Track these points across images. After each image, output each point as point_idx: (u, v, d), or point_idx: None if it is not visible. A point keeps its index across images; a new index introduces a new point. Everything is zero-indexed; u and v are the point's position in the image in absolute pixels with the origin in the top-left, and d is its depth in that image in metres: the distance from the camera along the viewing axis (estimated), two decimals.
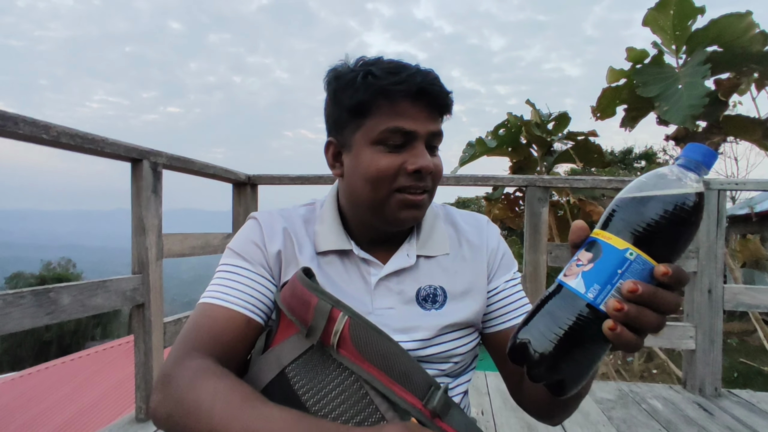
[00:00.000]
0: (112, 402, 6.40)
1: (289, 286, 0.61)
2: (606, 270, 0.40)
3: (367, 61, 0.67)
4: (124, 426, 1.68)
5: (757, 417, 1.89)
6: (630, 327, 0.39)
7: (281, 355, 0.58)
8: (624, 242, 0.40)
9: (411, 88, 0.62)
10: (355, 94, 0.64)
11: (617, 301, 0.39)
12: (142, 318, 1.74)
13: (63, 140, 1.40)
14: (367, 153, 0.65)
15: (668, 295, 0.40)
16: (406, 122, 0.63)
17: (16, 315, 1.24)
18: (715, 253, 2.15)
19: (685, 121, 2.72)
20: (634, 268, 0.39)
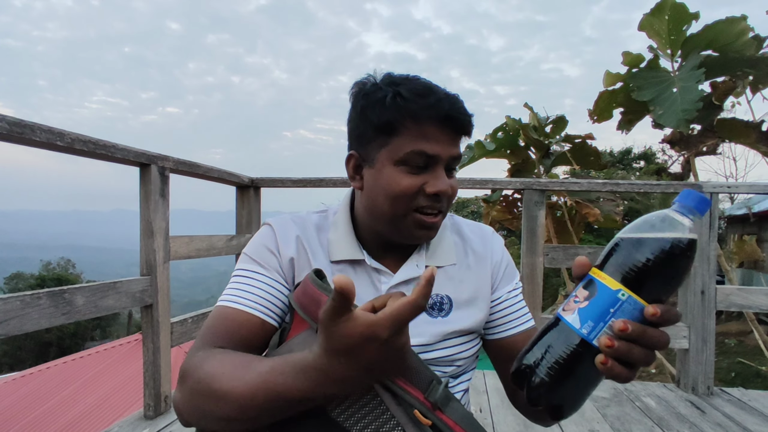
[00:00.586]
0: (116, 401, 6.44)
1: (302, 287, 0.64)
2: (599, 308, 0.43)
3: (395, 80, 0.69)
4: (133, 423, 1.73)
5: (748, 414, 1.94)
6: (620, 361, 0.42)
7: (293, 348, 0.60)
8: (617, 283, 0.43)
9: (439, 114, 0.65)
10: (383, 114, 0.66)
11: (608, 338, 0.42)
12: (151, 318, 1.79)
13: (77, 146, 1.45)
14: (390, 171, 0.67)
15: (657, 333, 0.43)
16: (430, 146, 0.66)
17: (34, 315, 1.29)
18: (708, 255, 2.20)
19: (679, 125, 2.77)
20: (626, 308, 0.43)
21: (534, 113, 3.74)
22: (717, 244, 2.24)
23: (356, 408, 0.56)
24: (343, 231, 0.74)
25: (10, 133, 1.24)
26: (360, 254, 0.73)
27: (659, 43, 3.18)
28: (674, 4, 2.88)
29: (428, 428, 0.55)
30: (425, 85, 0.68)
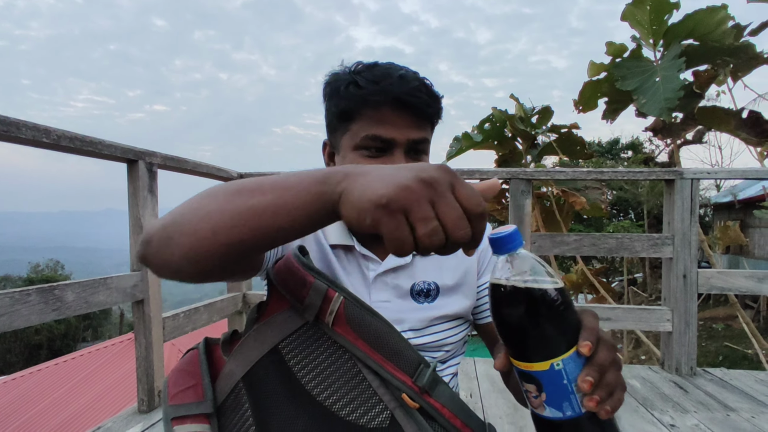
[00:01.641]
0: (110, 400, 6.42)
1: (284, 263, 0.60)
2: (559, 389, 0.43)
3: (358, 69, 0.70)
4: (127, 417, 1.75)
5: (728, 393, 2.01)
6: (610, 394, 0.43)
7: (274, 330, 0.59)
8: (545, 362, 0.43)
9: (389, 97, 0.65)
10: (340, 102, 0.69)
11: (589, 399, 0.42)
12: (142, 314, 1.80)
13: (63, 143, 1.46)
14: (350, 157, 0.70)
15: (604, 354, 0.43)
16: (385, 130, 0.67)
17: (24, 312, 1.30)
18: (689, 240, 2.26)
19: (661, 113, 2.82)
20: (570, 368, 0.42)
21: (520, 104, 3.78)
22: (699, 228, 2.30)
23: (343, 392, 0.56)
24: None
25: None
26: (350, 240, 0.74)
27: (642, 33, 3.22)
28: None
29: (416, 412, 0.55)
30: (384, 70, 0.69)
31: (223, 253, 0.45)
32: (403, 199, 0.37)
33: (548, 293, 0.42)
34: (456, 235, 0.38)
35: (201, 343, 0.65)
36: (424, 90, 0.69)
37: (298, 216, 0.43)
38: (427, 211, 0.38)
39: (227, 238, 0.44)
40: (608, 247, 2.33)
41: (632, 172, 2.35)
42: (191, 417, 0.57)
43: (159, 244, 0.48)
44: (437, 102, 0.72)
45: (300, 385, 0.56)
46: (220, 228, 0.44)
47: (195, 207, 0.47)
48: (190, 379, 0.61)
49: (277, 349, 0.58)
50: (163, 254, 0.48)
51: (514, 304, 0.43)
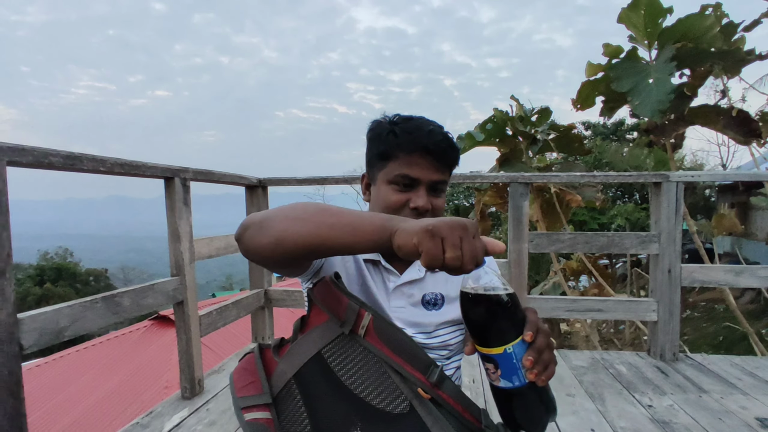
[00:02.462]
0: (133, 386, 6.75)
1: (324, 287, 0.78)
2: (510, 366, 0.61)
3: (397, 119, 0.90)
4: (173, 403, 2.00)
5: (705, 376, 2.23)
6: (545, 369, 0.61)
7: (317, 338, 0.75)
8: (499, 347, 0.61)
9: (419, 146, 0.85)
10: (381, 145, 0.88)
11: (530, 373, 0.60)
12: (182, 313, 2.04)
13: (116, 169, 1.67)
14: (384, 188, 0.88)
15: (542, 339, 0.61)
16: (412, 171, 0.86)
17: (92, 317, 1.53)
18: (674, 237, 2.46)
19: (653, 115, 2.99)
20: (518, 350, 0.61)
21: (520, 105, 3.95)
22: (681, 225, 2.49)
23: (373, 386, 0.71)
24: None
25: (65, 164, 1.45)
26: (377, 256, 0.94)
27: (637, 35, 3.36)
28: (648, 1, 3.06)
29: (428, 401, 0.70)
30: (417, 124, 0.89)
31: (299, 248, 0.65)
32: (443, 231, 0.55)
33: (501, 298, 0.61)
34: (467, 264, 0.56)
35: (255, 347, 0.86)
36: (446, 143, 0.89)
37: (361, 238, 0.62)
38: (457, 241, 0.55)
39: (306, 238, 0.64)
40: (600, 245, 2.54)
41: (622, 175, 2.54)
42: (256, 407, 0.76)
43: (254, 230, 0.68)
44: (456, 152, 0.91)
45: (340, 381, 0.72)
46: (305, 230, 0.65)
47: (288, 212, 0.68)
48: (251, 377, 0.80)
49: (320, 353, 0.74)
50: (255, 238, 0.68)
51: (476, 306, 0.62)
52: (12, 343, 1.25)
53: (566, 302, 2.56)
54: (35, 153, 1.34)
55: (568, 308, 2.56)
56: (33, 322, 1.32)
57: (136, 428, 1.78)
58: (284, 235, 0.65)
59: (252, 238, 0.68)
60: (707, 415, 1.81)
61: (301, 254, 0.67)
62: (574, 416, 1.82)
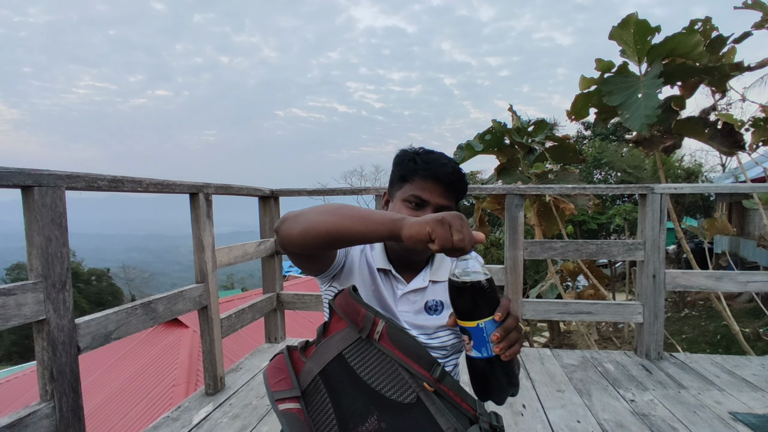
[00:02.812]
0: (139, 384, 6.92)
1: (343, 298, 0.90)
2: (480, 339, 0.74)
3: (419, 151, 1.07)
4: (198, 399, 2.19)
5: (685, 373, 2.43)
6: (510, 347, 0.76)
7: (338, 342, 0.87)
8: (473, 321, 0.74)
9: (431, 174, 1.02)
10: (402, 169, 1.06)
11: (496, 347, 0.74)
12: (206, 317, 2.23)
13: (151, 189, 1.86)
14: (399, 205, 1.04)
15: (510, 321, 0.76)
16: (423, 193, 1.02)
17: (134, 322, 1.72)
18: (658, 245, 2.65)
19: (641, 128, 3.18)
20: (488, 327, 0.74)
21: (517, 116, 4.14)
22: (665, 234, 2.68)
23: (387, 381, 0.83)
24: (379, 249, 1.12)
25: (110, 186, 1.64)
26: (388, 266, 1.10)
27: (628, 51, 3.55)
28: (637, 21, 3.24)
29: (432, 393, 0.81)
30: (436, 156, 1.08)
31: (323, 235, 0.82)
32: (449, 219, 0.72)
33: (479, 281, 0.73)
34: (468, 245, 0.72)
35: (284, 349, 1.04)
36: (455, 176, 1.04)
37: (374, 227, 0.78)
38: (460, 227, 0.71)
39: (329, 227, 0.82)
40: (589, 252, 2.73)
41: (610, 187, 2.72)
42: (288, 399, 0.93)
43: (289, 222, 0.87)
44: (463, 185, 1.09)
45: (359, 377, 0.84)
46: (329, 221, 0.82)
47: (317, 208, 0.87)
48: (282, 374, 0.97)
49: (342, 354, 0.86)
50: (289, 228, 0.87)
51: (459, 285, 0.75)
52: (72, 345, 1.44)
53: (558, 305, 2.75)
54: (87, 179, 1.53)
55: (560, 311, 2.75)
56: (87, 326, 1.51)
57: (167, 421, 1.97)
58: (311, 225, 0.83)
59: (288, 228, 0.86)
60: (683, 409, 2.00)
61: (324, 241, 0.83)
62: (562, 409, 2.02)
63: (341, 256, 1.06)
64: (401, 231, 0.75)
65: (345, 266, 1.10)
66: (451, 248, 0.72)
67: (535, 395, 2.17)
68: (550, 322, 10.86)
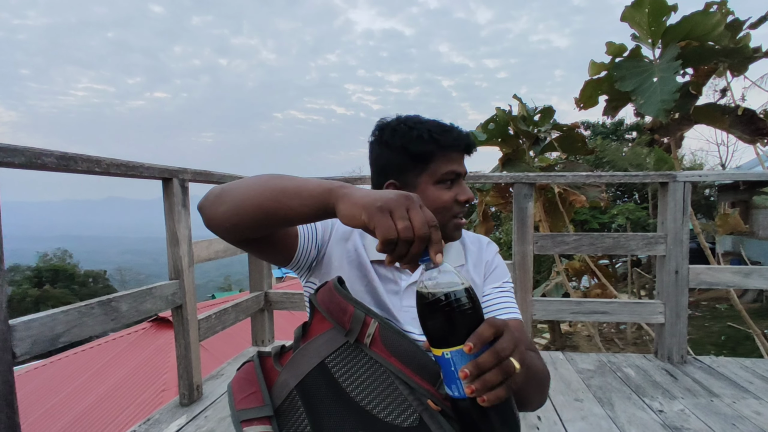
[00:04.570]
0: (129, 388, 6.69)
1: (327, 293, 0.74)
2: (447, 374, 0.55)
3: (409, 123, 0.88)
4: (172, 410, 1.95)
5: (714, 379, 2.19)
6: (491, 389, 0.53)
7: (320, 347, 0.71)
8: (439, 350, 0.55)
9: (461, 145, 0.88)
10: (417, 147, 0.85)
11: (467, 387, 0.53)
12: (181, 318, 1.99)
13: (112, 170, 1.62)
14: (432, 190, 0.87)
15: (487, 357, 0.53)
16: (457, 167, 0.88)
17: (90, 323, 1.48)
18: (681, 238, 2.42)
19: (658, 114, 2.95)
20: (457, 359, 0.53)
21: (522, 104, 3.91)
22: (688, 226, 2.45)
23: (381, 398, 0.67)
24: None
25: (59, 165, 1.41)
26: None
27: (641, 33, 3.32)
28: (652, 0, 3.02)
29: (438, 413, 0.66)
30: (437, 123, 0.90)
31: (252, 215, 0.67)
32: (390, 204, 0.55)
33: (442, 297, 0.53)
34: (420, 231, 0.54)
35: (255, 356, 0.82)
36: (469, 137, 0.91)
37: (307, 202, 0.64)
38: (404, 213, 0.55)
39: (255, 203, 0.67)
40: (605, 246, 2.50)
41: (628, 175, 2.49)
42: (257, 420, 0.72)
43: (213, 200, 0.71)
44: None
45: (345, 393, 0.68)
46: (258, 196, 0.67)
47: (243, 182, 0.70)
48: (250, 387, 0.76)
49: (324, 363, 0.70)
50: (214, 207, 0.71)
51: (419, 301, 0.56)
52: (5, 351, 1.20)
53: (571, 305, 2.52)
54: (27, 153, 1.29)
55: (573, 311, 2.51)
56: (26, 329, 1.27)
57: None
58: (238, 202, 0.68)
59: (212, 207, 0.71)
60: (720, 421, 1.76)
61: (256, 223, 0.68)
62: (583, 422, 1.78)
63: (310, 241, 0.88)
64: (336, 207, 0.61)
65: (324, 255, 0.91)
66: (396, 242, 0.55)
67: (551, 405, 1.93)
68: (551, 323, 10.64)
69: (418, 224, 0.55)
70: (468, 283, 0.56)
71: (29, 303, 21.63)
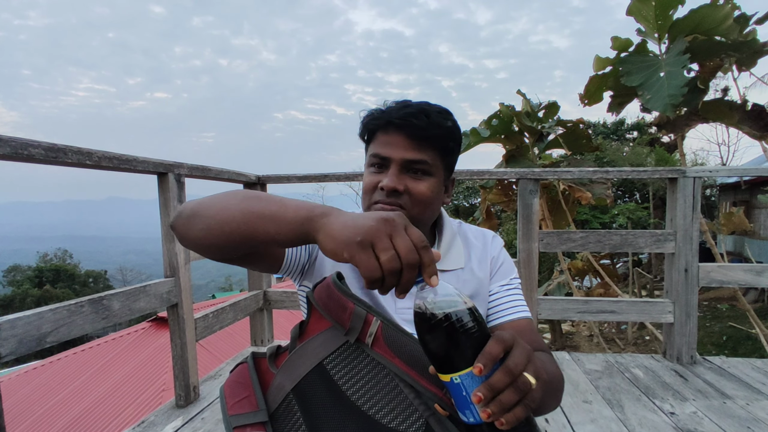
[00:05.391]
0: (128, 389, 6.64)
1: (325, 290, 0.68)
2: (459, 399, 0.51)
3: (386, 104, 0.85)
4: (167, 412, 1.89)
5: (726, 381, 2.13)
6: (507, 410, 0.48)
7: (318, 347, 0.67)
8: (446, 376, 0.50)
9: (382, 123, 0.80)
10: (362, 128, 0.86)
11: (482, 411, 0.48)
12: (176, 317, 1.93)
13: (103, 163, 1.56)
14: (366, 173, 0.85)
15: (500, 376, 0.49)
16: (383, 149, 0.80)
17: (79, 322, 1.42)
18: (690, 235, 2.36)
19: (666, 109, 2.89)
20: (467, 383, 0.49)
21: (527, 100, 3.84)
22: (699, 223, 2.39)
23: (384, 403, 0.63)
24: None
25: (47, 157, 1.35)
26: None
27: (647, 27, 3.26)
28: None
29: (446, 419, 0.62)
30: (401, 102, 0.83)
31: (228, 238, 0.63)
32: (370, 235, 0.50)
33: (444, 317, 0.49)
34: (407, 259, 0.50)
35: (249, 357, 0.75)
36: (422, 117, 0.78)
37: (284, 229, 0.60)
38: (386, 243, 0.50)
39: (231, 227, 0.62)
40: (613, 244, 2.43)
41: (636, 171, 2.43)
42: (250, 426, 0.67)
43: (186, 218, 0.67)
44: (438, 128, 0.80)
45: (345, 397, 0.64)
46: (232, 219, 0.62)
47: (218, 200, 0.66)
48: (244, 391, 0.71)
49: (322, 365, 0.66)
50: (187, 227, 0.66)
51: (420, 323, 0.51)
52: None
53: (578, 304, 2.46)
54: (13, 144, 1.23)
55: (579, 310, 2.45)
56: (11, 327, 1.21)
57: None
58: (212, 223, 0.64)
59: (185, 227, 0.67)
60: (734, 424, 1.70)
61: (234, 245, 0.64)
62: (593, 425, 1.72)
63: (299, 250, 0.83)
64: (316, 239, 0.57)
65: (316, 258, 0.87)
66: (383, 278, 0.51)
67: (558, 407, 1.86)
68: (552, 323, 10.57)
69: (404, 251, 0.50)
70: (470, 302, 0.52)
71: (31, 303, 21.59)
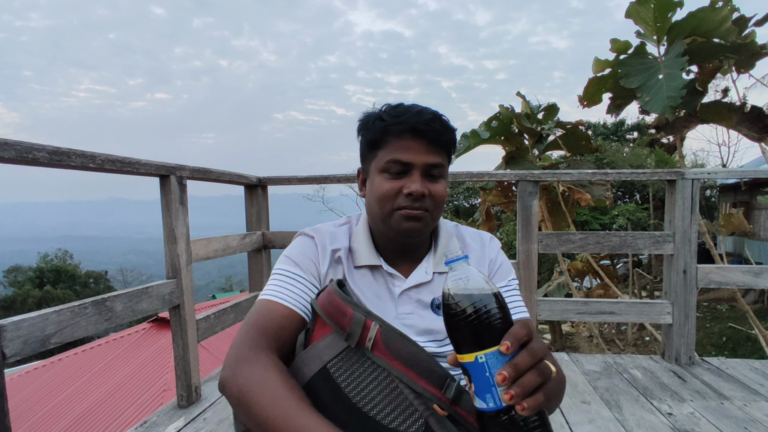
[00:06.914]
0: (130, 389, 6.66)
1: (326, 296, 0.73)
2: (480, 381, 0.50)
3: (386, 107, 0.85)
4: (169, 412, 1.91)
5: (724, 381, 2.14)
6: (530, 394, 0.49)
7: (322, 352, 0.70)
8: (471, 354, 0.51)
9: (406, 127, 0.79)
10: (369, 133, 0.83)
11: (505, 393, 0.48)
12: (178, 318, 1.94)
13: (107, 166, 1.58)
14: (377, 179, 0.83)
15: (524, 357, 0.50)
16: (404, 155, 0.80)
17: (83, 323, 1.44)
18: (689, 237, 2.37)
19: (665, 111, 2.90)
20: (492, 362, 0.50)
21: (526, 102, 3.87)
22: (697, 225, 2.40)
23: (384, 404, 0.66)
24: (363, 240, 0.88)
25: (51, 160, 1.36)
26: (378, 260, 0.86)
27: (646, 30, 3.27)
28: None
29: (445, 418, 0.66)
30: (406, 107, 0.83)
31: None
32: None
33: (481, 298, 0.52)
34: None
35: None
36: (438, 122, 0.81)
37: None
38: None
39: None
40: (612, 245, 2.45)
41: (635, 173, 2.45)
42: None
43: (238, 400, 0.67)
44: (450, 132, 0.84)
45: (348, 399, 0.67)
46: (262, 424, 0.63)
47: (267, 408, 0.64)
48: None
49: (326, 368, 0.69)
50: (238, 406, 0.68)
51: (450, 304, 0.54)
52: None
53: (577, 305, 2.47)
54: (18, 147, 1.25)
55: (579, 311, 2.46)
56: (17, 329, 1.23)
57: None
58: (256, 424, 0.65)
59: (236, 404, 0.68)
60: (731, 425, 1.71)
61: None
62: (591, 425, 1.73)
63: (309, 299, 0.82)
64: None
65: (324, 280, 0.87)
66: None
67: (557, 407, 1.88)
68: (552, 324, 10.58)
69: None
70: (495, 287, 0.55)
71: (32, 304, 21.62)
